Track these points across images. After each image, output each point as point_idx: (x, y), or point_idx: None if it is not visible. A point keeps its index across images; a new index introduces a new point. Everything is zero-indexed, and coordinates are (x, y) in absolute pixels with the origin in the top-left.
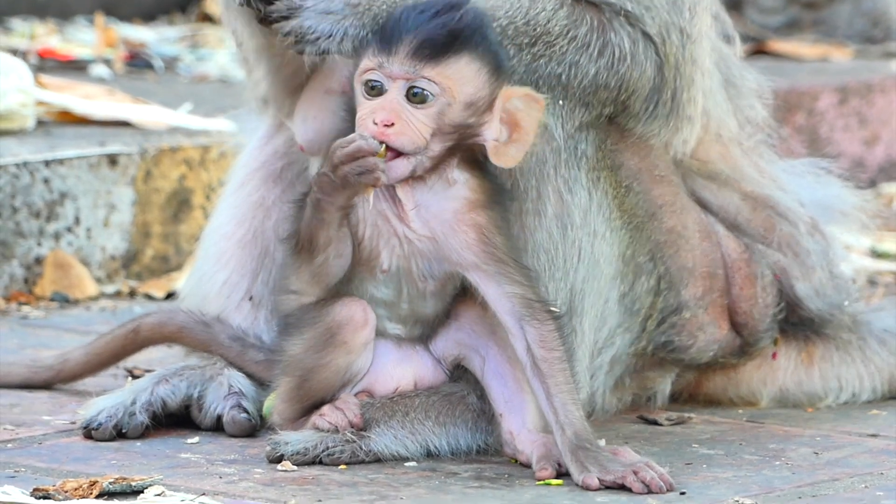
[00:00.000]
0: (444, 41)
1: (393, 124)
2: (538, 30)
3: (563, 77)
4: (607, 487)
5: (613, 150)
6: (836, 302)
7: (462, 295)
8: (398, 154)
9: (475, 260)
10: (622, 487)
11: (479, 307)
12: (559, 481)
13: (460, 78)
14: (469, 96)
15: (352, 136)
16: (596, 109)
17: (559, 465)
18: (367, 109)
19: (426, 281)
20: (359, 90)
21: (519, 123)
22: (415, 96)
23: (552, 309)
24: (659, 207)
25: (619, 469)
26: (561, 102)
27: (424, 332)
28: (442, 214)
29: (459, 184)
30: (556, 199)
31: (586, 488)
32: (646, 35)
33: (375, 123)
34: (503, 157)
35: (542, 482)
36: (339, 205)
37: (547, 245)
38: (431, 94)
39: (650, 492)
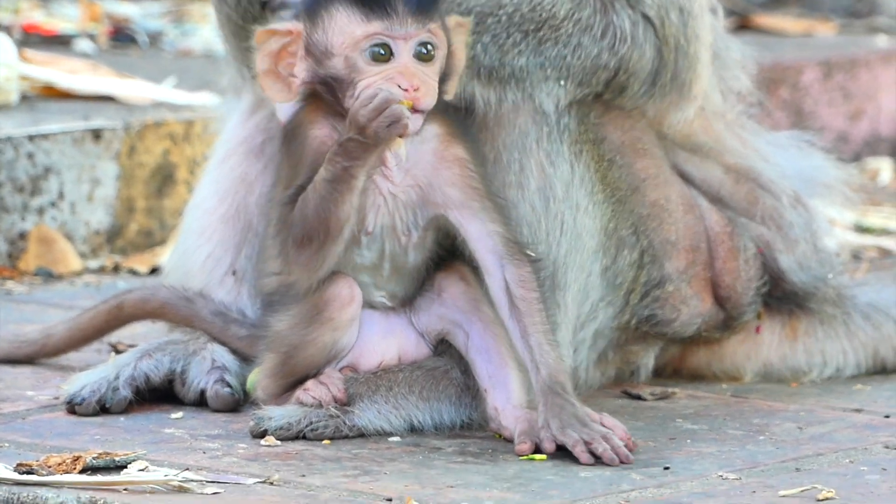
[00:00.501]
0: None
1: (419, 87)
2: (543, 14)
3: (568, 58)
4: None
5: (597, 124)
6: (820, 275)
7: (445, 270)
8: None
9: (460, 197)
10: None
11: (463, 282)
12: (542, 456)
13: (442, 27)
14: (446, 43)
15: (371, 90)
16: (591, 88)
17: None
18: (381, 76)
19: (409, 234)
20: (358, 58)
21: (454, 52)
22: (425, 54)
23: (529, 252)
24: (642, 181)
25: (574, 436)
26: (562, 83)
27: (407, 293)
28: (423, 157)
29: (428, 123)
30: (538, 173)
31: (543, 451)
32: (645, 17)
33: (404, 89)
34: (446, 89)
35: (524, 457)
36: (370, 165)
37: (530, 218)
38: (435, 48)
39: (601, 463)
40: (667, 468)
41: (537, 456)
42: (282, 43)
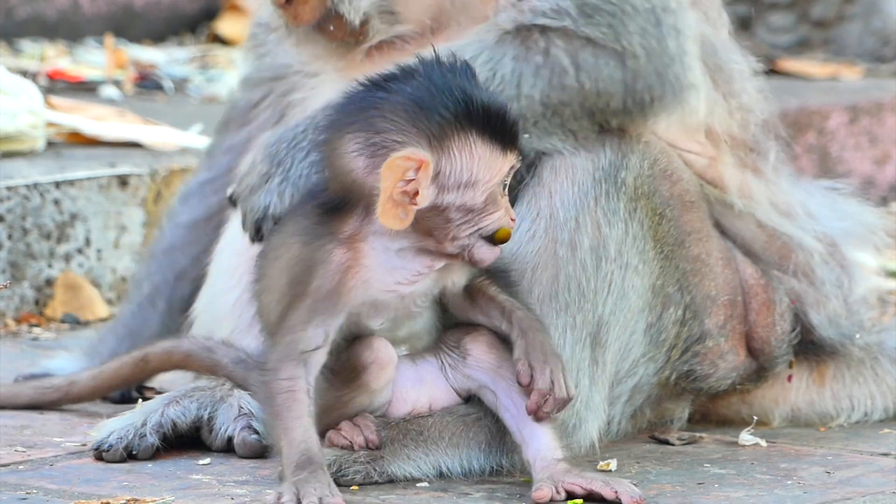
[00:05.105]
0: None
1: None
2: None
3: (526, 109)
4: None
5: (649, 176)
6: (848, 333)
7: (470, 333)
8: None
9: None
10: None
11: (486, 344)
12: (579, 501)
13: None
14: None
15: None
16: (575, 124)
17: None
18: (505, 207)
19: (421, 309)
20: (497, 190)
21: None
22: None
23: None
24: (687, 235)
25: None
26: (527, 136)
27: (428, 343)
28: None
29: None
30: (594, 231)
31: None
32: (589, 40)
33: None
34: None
35: (570, 502)
36: None
37: (579, 277)
38: None
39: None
40: None
41: (578, 501)
42: (406, 169)
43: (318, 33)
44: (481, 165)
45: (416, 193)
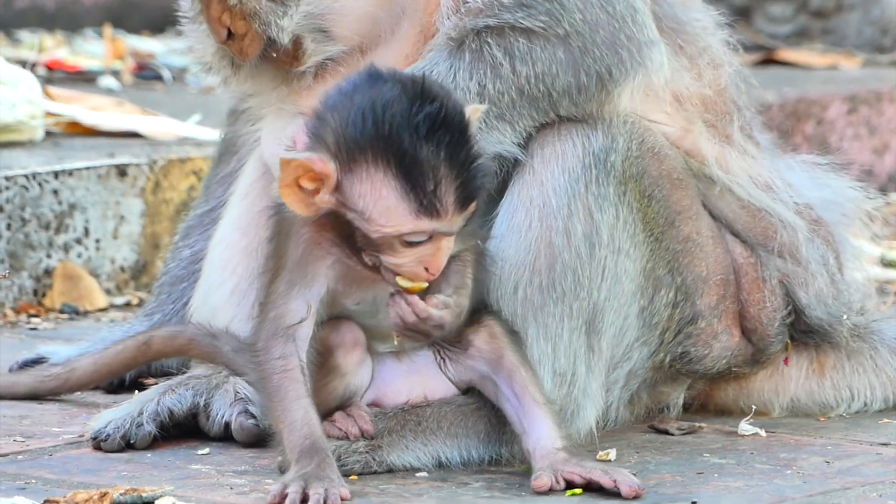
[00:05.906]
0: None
1: (441, 266)
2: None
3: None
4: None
5: (637, 156)
6: (836, 313)
7: (472, 325)
8: None
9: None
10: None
11: (488, 335)
12: (578, 490)
13: None
14: None
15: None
16: (514, 113)
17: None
18: (413, 258)
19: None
20: (396, 242)
21: None
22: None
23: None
24: (677, 214)
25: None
26: (486, 122)
27: (419, 345)
28: None
29: None
30: (586, 218)
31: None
32: (527, 30)
33: (426, 269)
34: None
35: (569, 493)
36: None
37: (574, 264)
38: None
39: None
40: (694, 503)
41: (577, 490)
42: (299, 174)
43: (264, 64)
44: (381, 209)
45: (317, 192)
